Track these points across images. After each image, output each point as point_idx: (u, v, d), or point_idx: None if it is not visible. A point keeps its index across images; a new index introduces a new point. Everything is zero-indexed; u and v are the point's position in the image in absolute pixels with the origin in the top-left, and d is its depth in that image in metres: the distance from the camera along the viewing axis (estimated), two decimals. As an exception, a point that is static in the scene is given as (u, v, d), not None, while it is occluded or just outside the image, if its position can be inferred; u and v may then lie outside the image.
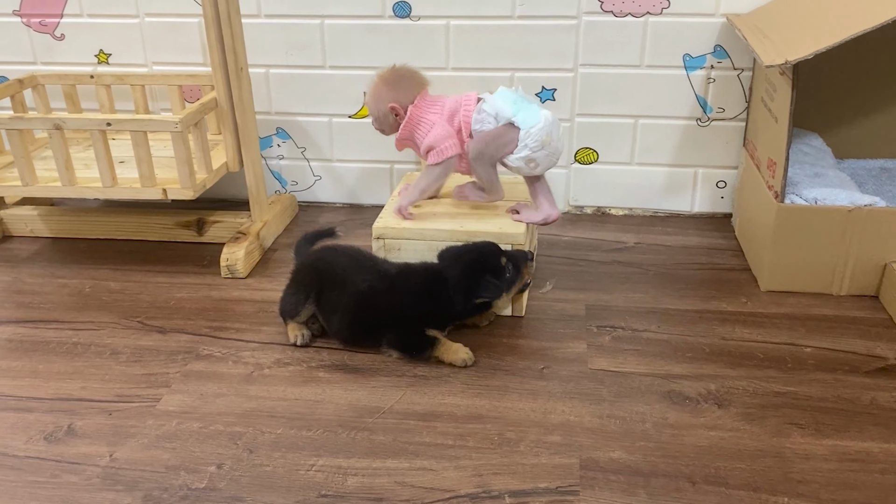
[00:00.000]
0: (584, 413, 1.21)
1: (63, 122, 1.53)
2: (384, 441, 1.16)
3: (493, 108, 1.41)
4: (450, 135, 1.44)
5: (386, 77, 1.48)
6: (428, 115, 1.46)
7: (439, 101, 1.47)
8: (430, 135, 1.44)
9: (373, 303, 1.35)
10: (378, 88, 1.48)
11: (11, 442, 1.18)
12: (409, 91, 1.47)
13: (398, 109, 1.46)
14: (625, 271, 1.64)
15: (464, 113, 1.44)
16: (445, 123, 1.44)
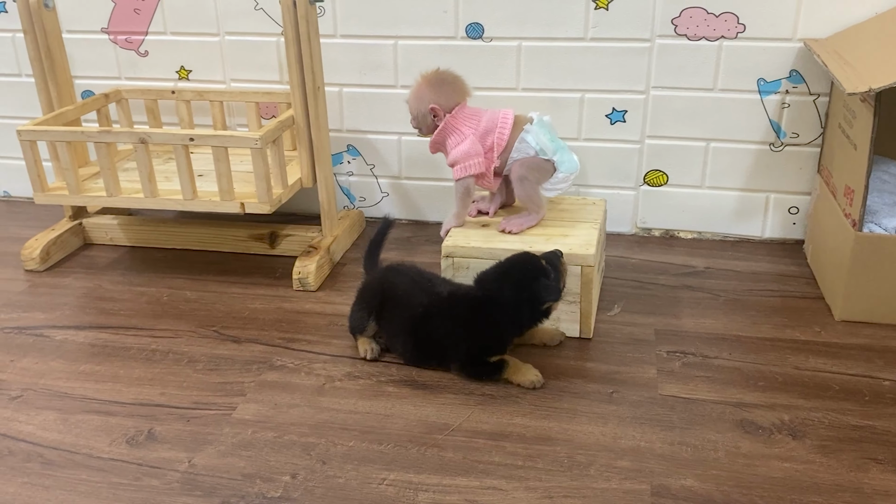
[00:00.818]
0: (654, 439, 1.20)
1: (148, 136, 1.59)
2: (454, 458, 1.17)
3: (538, 143, 1.47)
4: (477, 153, 1.47)
5: (430, 78, 1.51)
6: (462, 127, 1.49)
7: (477, 114, 1.50)
8: (459, 148, 1.48)
9: (430, 329, 1.35)
10: (420, 88, 1.50)
11: (96, 444, 1.23)
12: (451, 96, 1.50)
13: (438, 111, 1.49)
14: (694, 296, 1.62)
15: (498, 134, 1.48)
16: (476, 140, 1.48)
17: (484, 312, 1.33)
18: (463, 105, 1.50)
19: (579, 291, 1.43)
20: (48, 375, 1.40)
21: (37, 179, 1.68)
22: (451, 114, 1.49)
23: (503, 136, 1.48)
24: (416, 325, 1.36)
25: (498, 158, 1.49)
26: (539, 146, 1.47)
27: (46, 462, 1.19)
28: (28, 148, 1.65)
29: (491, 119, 1.49)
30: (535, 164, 1.49)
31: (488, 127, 1.48)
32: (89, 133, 1.63)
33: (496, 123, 1.48)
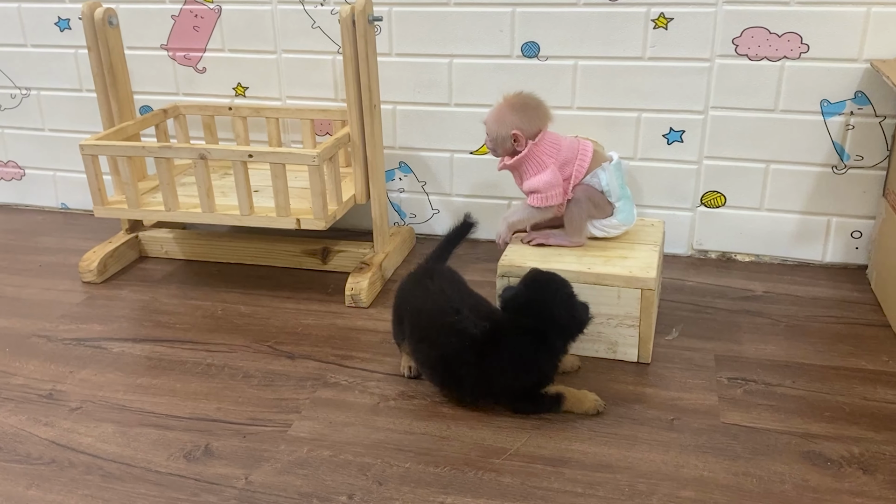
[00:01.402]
0: (717, 469, 1.17)
1: (208, 151, 1.61)
2: (512, 484, 1.15)
3: (609, 184, 1.47)
4: (558, 184, 1.46)
5: (513, 103, 1.48)
6: (544, 157, 1.47)
7: (557, 143, 1.48)
8: (539, 178, 1.46)
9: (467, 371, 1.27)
10: (503, 112, 1.48)
11: (154, 458, 1.23)
12: (534, 121, 1.47)
13: (520, 138, 1.46)
14: (754, 321, 1.58)
15: (578, 166, 1.47)
16: (556, 171, 1.46)
17: (537, 342, 1.26)
18: (545, 132, 1.48)
19: (639, 315, 1.40)
20: (106, 388, 1.42)
21: (97, 193, 1.71)
22: (535, 141, 1.46)
23: (582, 170, 1.46)
24: (447, 366, 1.29)
25: (573, 190, 1.48)
26: (608, 188, 1.47)
27: (106, 475, 1.20)
28: (90, 162, 1.68)
29: (570, 149, 1.47)
30: (597, 198, 1.48)
31: (568, 157, 1.47)
32: (150, 148, 1.65)
33: (576, 154, 1.47)
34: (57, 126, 2.16)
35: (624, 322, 1.42)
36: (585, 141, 1.49)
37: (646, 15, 1.69)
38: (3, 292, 1.79)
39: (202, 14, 1.94)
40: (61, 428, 1.31)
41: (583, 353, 1.46)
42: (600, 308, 1.42)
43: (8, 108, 2.18)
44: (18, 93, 2.15)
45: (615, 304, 1.41)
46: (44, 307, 1.71)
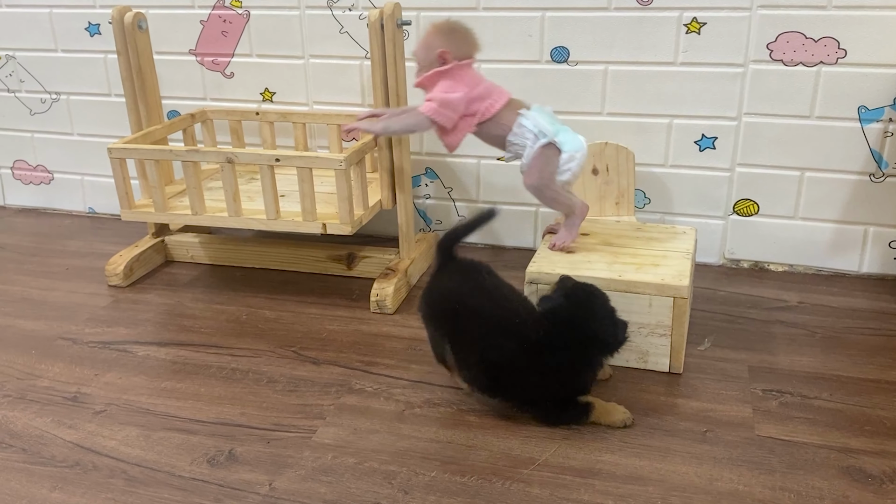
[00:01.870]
0: (753, 483, 1.14)
1: (235, 156, 1.61)
2: (541, 495, 1.12)
3: (536, 125, 1.43)
4: (455, 109, 1.44)
5: (441, 27, 1.48)
6: (459, 81, 1.45)
7: (477, 78, 1.48)
8: (445, 94, 1.44)
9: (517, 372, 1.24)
10: (430, 36, 1.47)
11: (178, 462, 1.22)
12: (461, 47, 1.47)
13: (447, 57, 1.45)
14: (788, 332, 1.54)
15: (488, 105, 1.46)
16: (464, 99, 1.44)
17: (580, 355, 1.24)
18: (471, 61, 1.48)
19: (671, 324, 1.37)
20: (131, 391, 1.41)
21: (124, 197, 1.71)
22: (460, 65, 1.45)
23: (491, 109, 1.45)
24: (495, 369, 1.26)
25: (478, 126, 1.47)
26: (537, 128, 1.43)
27: (129, 479, 1.19)
28: (117, 165, 1.68)
29: (488, 89, 1.47)
30: (540, 165, 1.44)
31: (482, 94, 1.46)
32: (177, 152, 1.65)
33: (491, 94, 1.46)
34: (85, 130, 2.18)
35: (655, 331, 1.39)
36: (505, 90, 1.49)
37: (678, 19, 1.67)
38: (30, 295, 1.79)
39: (231, 19, 1.95)
40: (85, 431, 1.30)
41: (612, 362, 1.43)
42: (631, 316, 1.38)
43: (38, 113, 2.20)
44: (48, 97, 2.17)
45: (646, 312, 1.38)
46: (70, 310, 1.71)
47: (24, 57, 2.14)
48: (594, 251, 1.51)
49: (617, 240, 1.57)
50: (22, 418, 1.34)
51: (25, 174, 2.29)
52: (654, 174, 1.80)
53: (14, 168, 2.29)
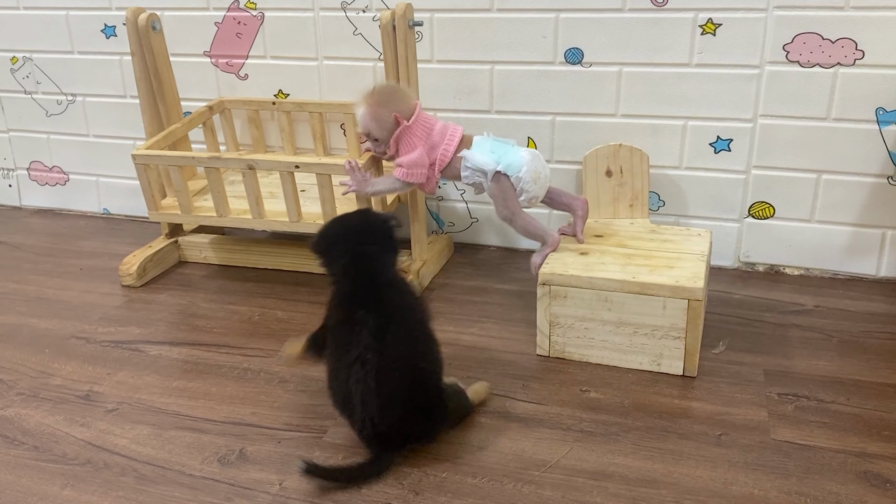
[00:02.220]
0: (769, 487, 1.12)
1: (256, 162, 1.61)
2: (553, 497, 1.11)
3: (476, 164, 1.50)
4: (423, 165, 1.52)
5: (378, 97, 1.51)
6: (414, 139, 1.52)
7: (429, 125, 1.54)
8: (407, 157, 1.51)
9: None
10: (375, 110, 1.51)
11: (188, 461, 1.22)
12: (402, 102, 1.52)
13: (400, 118, 1.50)
14: (804, 336, 1.52)
15: (442, 152, 1.53)
16: (424, 153, 1.52)
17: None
18: (418, 109, 1.53)
19: (685, 326, 1.36)
20: (143, 390, 1.41)
21: (151, 199, 1.72)
22: (410, 122, 1.50)
23: (446, 156, 1.53)
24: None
25: (440, 173, 1.55)
26: (476, 165, 1.50)
27: (140, 477, 1.19)
28: (142, 170, 1.69)
29: (441, 132, 1.53)
30: (501, 196, 1.52)
31: (437, 141, 1.53)
32: (200, 158, 1.66)
33: (443, 138, 1.53)
34: (101, 132, 2.19)
35: (669, 333, 1.38)
36: (456, 126, 1.55)
37: (693, 20, 1.66)
38: (45, 294, 1.80)
39: (245, 21, 1.95)
40: (97, 429, 1.31)
41: (626, 365, 1.42)
42: (644, 319, 1.38)
43: (54, 115, 2.21)
44: (65, 99, 2.18)
45: (660, 314, 1.37)
46: (83, 309, 1.72)
47: (41, 58, 2.15)
48: (608, 253, 1.50)
49: (631, 241, 1.56)
50: (34, 416, 1.34)
51: (41, 175, 2.31)
52: (669, 176, 1.79)
53: (30, 169, 2.31)
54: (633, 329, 1.40)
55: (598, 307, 1.41)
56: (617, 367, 1.42)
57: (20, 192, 2.35)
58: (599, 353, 1.44)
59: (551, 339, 1.46)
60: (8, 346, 1.57)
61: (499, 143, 1.53)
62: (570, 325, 1.44)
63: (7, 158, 2.32)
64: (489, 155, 1.50)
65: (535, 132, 1.84)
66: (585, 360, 1.45)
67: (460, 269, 1.88)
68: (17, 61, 2.18)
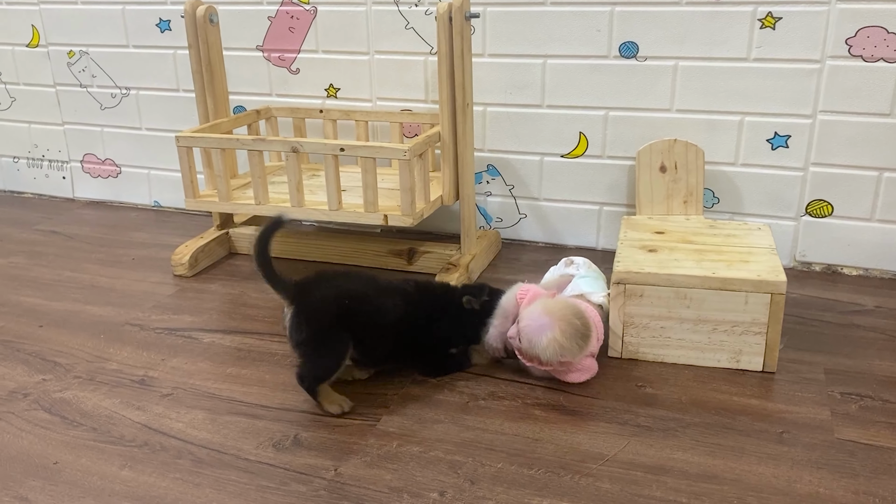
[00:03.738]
0: (835, 486, 1.09)
1: (300, 145, 1.62)
2: (611, 490, 1.10)
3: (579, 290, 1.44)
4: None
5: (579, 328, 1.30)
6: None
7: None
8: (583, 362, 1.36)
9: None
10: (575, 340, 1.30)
11: (243, 445, 1.22)
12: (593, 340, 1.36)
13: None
14: (866, 336, 1.48)
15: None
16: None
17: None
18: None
19: (767, 321, 1.33)
20: (197, 376, 1.43)
21: (189, 185, 1.74)
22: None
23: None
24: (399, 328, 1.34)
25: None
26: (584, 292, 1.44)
27: (196, 460, 1.20)
28: (184, 154, 1.70)
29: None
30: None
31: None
32: (244, 141, 1.67)
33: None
34: (153, 125, 2.22)
35: (750, 329, 1.34)
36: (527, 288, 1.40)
37: (752, 14, 1.63)
38: (98, 283, 1.83)
39: (298, 15, 1.97)
40: (153, 413, 1.32)
41: (703, 363, 1.39)
42: (725, 315, 1.35)
43: (108, 108, 2.25)
44: (119, 92, 2.22)
45: (742, 310, 1.34)
46: (137, 298, 1.74)
47: (97, 52, 2.19)
48: (676, 249, 1.48)
49: (694, 237, 1.53)
50: (92, 399, 1.36)
51: (94, 167, 2.35)
52: (724, 173, 1.76)
53: (84, 161, 2.35)
54: (713, 326, 1.36)
55: (675, 305, 1.37)
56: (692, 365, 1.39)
57: (73, 183, 2.40)
58: (676, 353, 1.40)
59: (624, 339, 1.42)
60: (64, 332, 1.60)
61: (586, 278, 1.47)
62: (644, 325, 1.40)
63: (62, 151, 2.37)
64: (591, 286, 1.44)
65: (587, 127, 1.82)
66: (661, 360, 1.41)
67: (509, 264, 1.87)
68: (74, 55, 2.23)
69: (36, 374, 1.44)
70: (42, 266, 1.93)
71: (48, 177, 2.41)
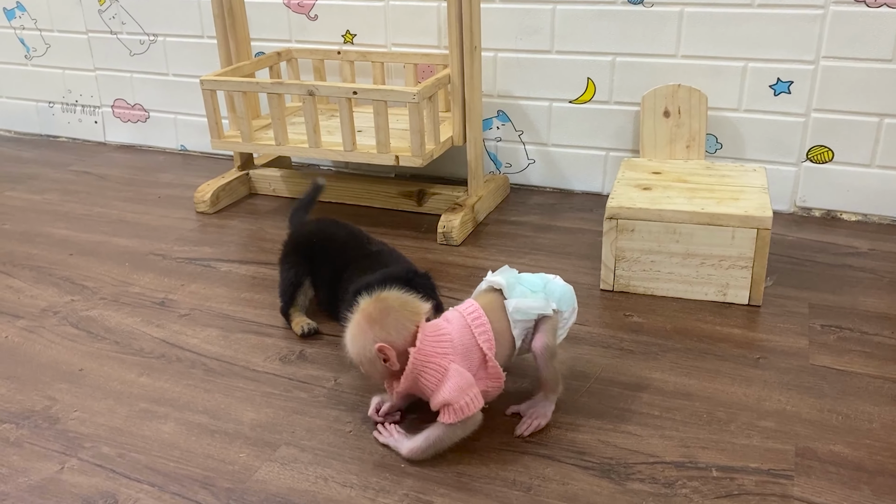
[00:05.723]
0: (802, 405, 1.15)
1: (316, 88, 1.69)
2: (589, 403, 1.17)
3: (527, 310, 1.11)
4: (470, 384, 1.06)
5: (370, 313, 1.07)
6: (434, 359, 1.06)
7: (444, 335, 1.08)
8: (445, 387, 1.05)
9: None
10: (360, 326, 1.08)
11: (252, 359, 1.32)
12: (402, 326, 1.07)
13: (388, 350, 1.05)
14: (856, 276, 1.53)
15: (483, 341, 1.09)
16: (462, 368, 1.07)
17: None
18: (421, 329, 1.07)
19: (753, 256, 1.38)
20: (213, 299, 1.52)
21: (214, 126, 1.82)
22: (416, 347, 1.05)
23: (489, 340, 1.09)
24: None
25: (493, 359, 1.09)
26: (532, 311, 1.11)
27: (208, 370, 1.30)
28: (209, 97, 1.79)
29: (460, 328, 1.09)
30: (549, 329, 1.12)
31: (465, 342, 1.08)
32: (263, 84, 1.75)
33: (471, 329, 1.09)
34: (180, 71, 2.31)
35: (737, 263, 1.40)
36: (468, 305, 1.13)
37: (757, -41, 1.65)
38: (126, 217, 1.93)
39: (316, -38, 2.02)
40: (171, 329, 1.42)
41: (691, 296, 1.45)
42: (713, 249, 1.40)
43: (137, 54, 2.34)
44: (147, 39, 2.31)
45: (729, 244, 1.39)
46: (161, 231, 1.85)
47: (126, 0, 2.28)
48: (670, 188, 1.53)
49: (690, 177, 1.58)
50: (116, 317, 1.47)
51: (124, 112, 2.45)
52: (727, 118, 1.79)
53: (114, 106, 2.45)
54: (701, 260, 1.42)
55: (665, 240, 1.43)
56: (682, 298, 1.45)
57: (105, 128, 2.50)
58: (665, 286, 1.46)
59: (616, 273, 1.48)
60: (93, 260, 1.71)
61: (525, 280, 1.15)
62: (636, 259, 1.46)
63: (94, 96, 2.47)
64: (537, 294, 1.12)
65: (595, 73, 1.87)
66: (651, 293, 1.47)
67: (515, 207, 1.93)
68: (105, 2, 2.31)
69: (66, 295, 1.56)
70: (74, 202, 2.04)
71: (81, 121, 2.52)
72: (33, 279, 1.62)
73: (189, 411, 1.19)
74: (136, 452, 1.11)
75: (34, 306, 1.51)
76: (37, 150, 2.48)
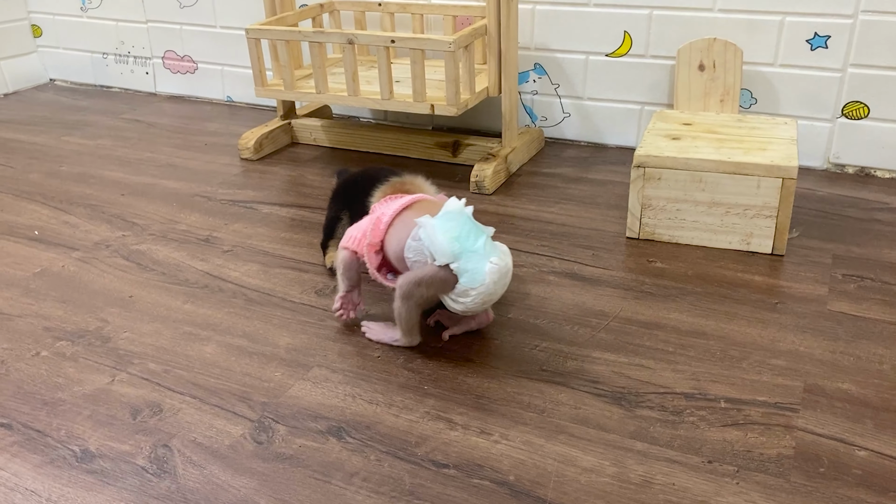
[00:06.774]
0: (815, 346, 1.18)
1: (355, 36, 1.74)
2: (605, 338, 1.22)
3: (432, 244, 1.12)
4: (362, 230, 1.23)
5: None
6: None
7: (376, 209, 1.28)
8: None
9: None
10: None
11: (290, 291, 1.40)
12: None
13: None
14: (883, 230, 1.54)
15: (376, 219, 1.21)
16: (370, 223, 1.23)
17: None
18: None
19: (777, 205, 1.40)
20: (254, 238, 1.60)
21: (258, 75, 1.89)
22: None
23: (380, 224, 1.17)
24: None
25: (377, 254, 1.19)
26: (430, 245, 1.12)
27: (248, 300, 1.38)
28: (253, 45, 1.85)
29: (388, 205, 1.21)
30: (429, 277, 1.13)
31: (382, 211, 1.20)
32: (305, 33, 1.80)
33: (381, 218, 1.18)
34: (227, 24, 2.38)
35: (761, 213, 1.42)
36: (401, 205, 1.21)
37: (798, -90, 1.64)
38: (174, 162, 2.02)
39: (359, -85, 2.06)
40: (214, 263, 1.51)
41: (715, 244, 1.47)
42: (738, 198, 1.43)
43: (186, 6, 2.41)
44: (196, -8, 2.38)
45: (754, 193, 1.42)
46: (206, 175, 1.93)
47: (177, -47, 2.35)
48: (699, 138, 1.55)
49: (720, 129, 1.60)
50: (163, 251, 1.56)
51: (174, 64, 2.53)
52: (762, 73, 1.80)
53: (164, 58, 2.54)
54: (726, 209, 1.45)
55: (691, 188, 1.45)
56: (706, 247, 1.47)
57: (155, 79, 2.59)
58: (690, 234, 1.49)
59: (642, 220, 1.51)
60: (142, 200, 1.80)
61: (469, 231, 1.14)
62: (661, 207, 1.49)
63: (145, 48, 2.56)
64: (450, 244, 1.11)
65: (632, 26, 1.88)
66: (675, 241, 1.50)
67: (548, 159, 1.97)
68: (156, -45, 2.38)
69: (117, 230, 1.65)
70: (125, 148, 2.14)
71: (133, 72, 2.62)
72: (87, 216, 1.72)
73: (229, 335, 1.28)
74: (179, 369, 1.20)
75: (88, 240, 1.61)
76: (91, 100, 2.58)
